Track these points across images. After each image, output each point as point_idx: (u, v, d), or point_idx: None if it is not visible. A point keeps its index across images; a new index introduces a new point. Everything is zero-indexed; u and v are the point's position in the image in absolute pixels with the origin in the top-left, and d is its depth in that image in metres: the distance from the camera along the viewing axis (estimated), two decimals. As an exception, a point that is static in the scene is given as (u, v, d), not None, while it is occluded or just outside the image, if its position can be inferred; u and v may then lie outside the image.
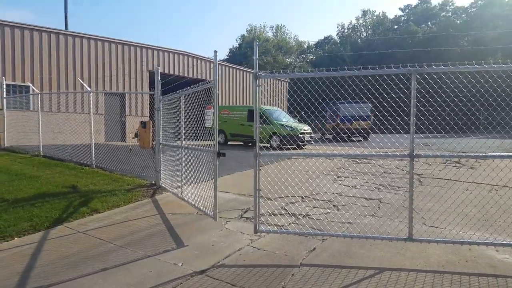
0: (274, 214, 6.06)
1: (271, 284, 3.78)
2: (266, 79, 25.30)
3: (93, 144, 10.50)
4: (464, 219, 5.41)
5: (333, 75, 4.73)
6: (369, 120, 21.53)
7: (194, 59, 23.48)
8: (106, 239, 5.21)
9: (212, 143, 5.71)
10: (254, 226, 4.98)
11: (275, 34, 76.64)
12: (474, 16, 55.22)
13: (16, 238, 5.32)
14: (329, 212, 6.33)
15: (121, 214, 6.48)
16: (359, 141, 20.43)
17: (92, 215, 6.37)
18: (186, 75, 22.57)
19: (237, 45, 73.93)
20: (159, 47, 21.19)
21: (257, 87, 4.79)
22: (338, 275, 3.96)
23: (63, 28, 21.99)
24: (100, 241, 5.14)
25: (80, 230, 5.60)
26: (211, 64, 24.92)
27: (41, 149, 12.46)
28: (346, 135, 19.91)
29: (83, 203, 6.90)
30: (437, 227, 5.40)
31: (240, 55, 66.53)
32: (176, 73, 20.78)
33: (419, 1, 66.69)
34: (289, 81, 29.48)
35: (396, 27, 65.18)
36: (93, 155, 10.38)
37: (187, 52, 22.80)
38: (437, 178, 8.92)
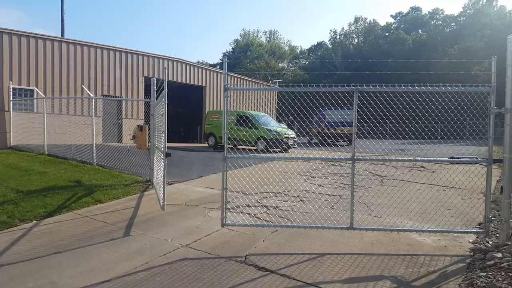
0: (250, 206, 7.29)
1: (238, 252, 4.99)
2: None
3: (94, 144, 11.62)
4: (406, 212, 6.67)
5: (285, 90, 6.01)
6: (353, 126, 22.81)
7: (188, 66, 24.69)
8: (109, 222, 6.39)
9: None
10: (221, 221, 5.73)
11: (268, 39, 77.98)
12: (463, 24, 56.77)
13: (34, 221, 6.48)
14: (295, 205, 7.55)
15: (121, 204, 7.66)
16: (342, 145, 21.69)
17: (96, 204, 7.55)
18: (180, 80, 23.79)
19: (231, 50, 75.14)
20: (154, 54, 22.36)
21: (226, 98, 5.66)
22: (290, 248, 5.18)
23: (60, 34, 23.20)
24: (104, 224, 6.32)
25: (87, 215, 6.78)
26: (204, 71, 26.02)
27: (46, 148, 13.54)
28: (331, 140, 21.09)
29: (87, 194, 8.06)
30: (379, 217, 6.64)
31: (234, 60, 67.70)
32: (171, 79, 21.92)
33: (410, 9, 68.68)
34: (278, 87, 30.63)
35: (387, 34, 66.73)
36: (95, 154, 11.50)
37: (180, 59, 24.00)
38: (397, 180, 10.17)
